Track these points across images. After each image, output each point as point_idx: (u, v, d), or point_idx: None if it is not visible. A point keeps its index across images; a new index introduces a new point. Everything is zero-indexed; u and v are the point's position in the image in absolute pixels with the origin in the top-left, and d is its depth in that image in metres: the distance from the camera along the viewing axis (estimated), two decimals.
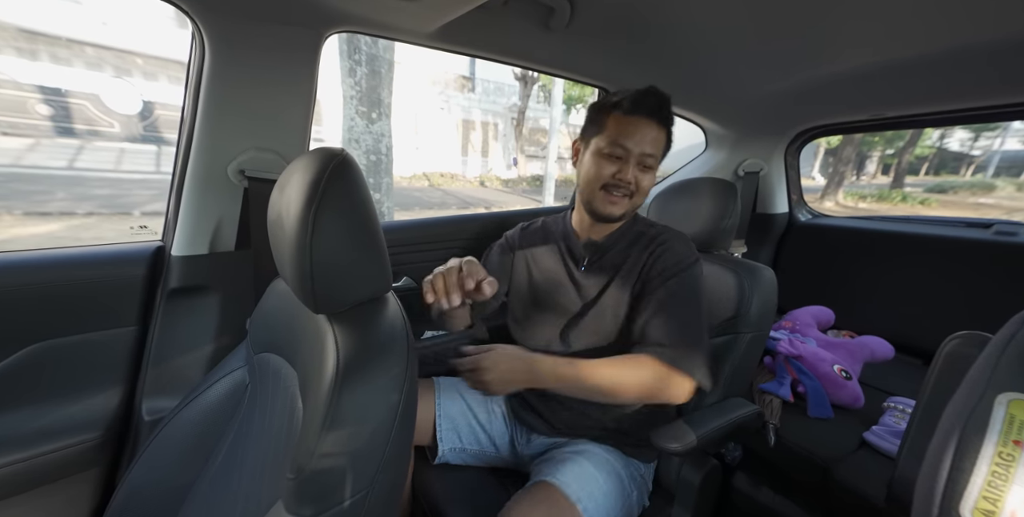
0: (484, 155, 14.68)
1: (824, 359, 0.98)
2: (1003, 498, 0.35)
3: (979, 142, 16.02)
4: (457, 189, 11.20)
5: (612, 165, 0.65)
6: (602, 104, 0.67)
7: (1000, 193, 11.53)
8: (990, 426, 0.39)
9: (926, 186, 12.77)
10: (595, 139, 0.66)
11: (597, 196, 0.67)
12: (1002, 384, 0.40)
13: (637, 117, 0.64)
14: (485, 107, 13.91)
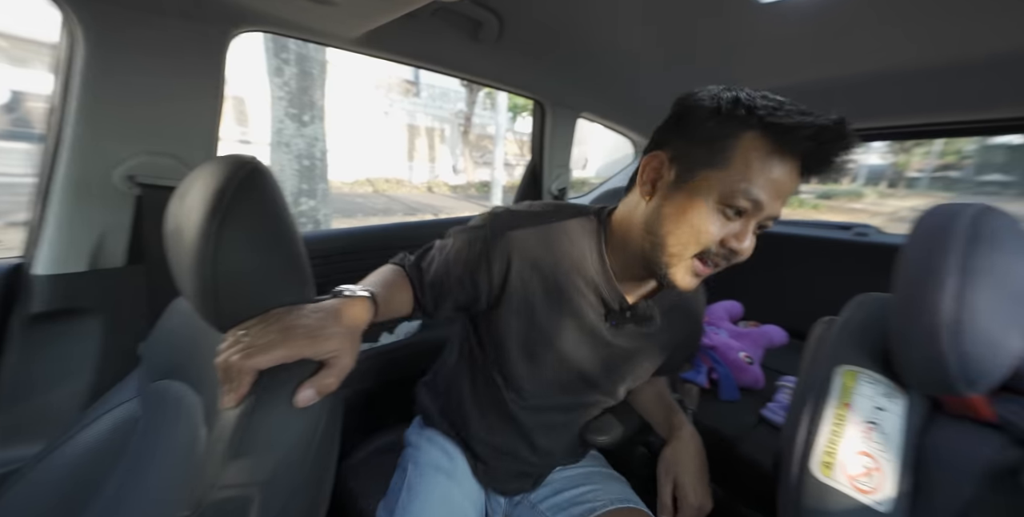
0: (431, 160, 14.46)
1: (732, 347, 1.11)
2: (837, 451, 0.43)
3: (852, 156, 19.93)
4: (403, 195, 10.89)
5: (730, 224, 0.43)
6: (732, 111, 0.40)
7: (867, 200, 14.20)
8: (831, 394, 0.47)
9: (816, 193, 15.17)
10: (709, 173, 0.41)
11: (685, 263, 0.45)
12: (840, 358, 0.49)
13: (792, 157, 0.40)
14: (431, 112, 13.74)
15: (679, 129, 0.44)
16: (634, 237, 0.48)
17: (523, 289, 0.52)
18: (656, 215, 0.45)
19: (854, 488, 0.41)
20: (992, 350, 0.38)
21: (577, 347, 0.56)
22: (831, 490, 0.41)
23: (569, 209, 0.56)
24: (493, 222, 0.54)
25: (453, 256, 0.54)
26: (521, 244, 0.52)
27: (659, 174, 0.45)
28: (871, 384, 0.46)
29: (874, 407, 0.45)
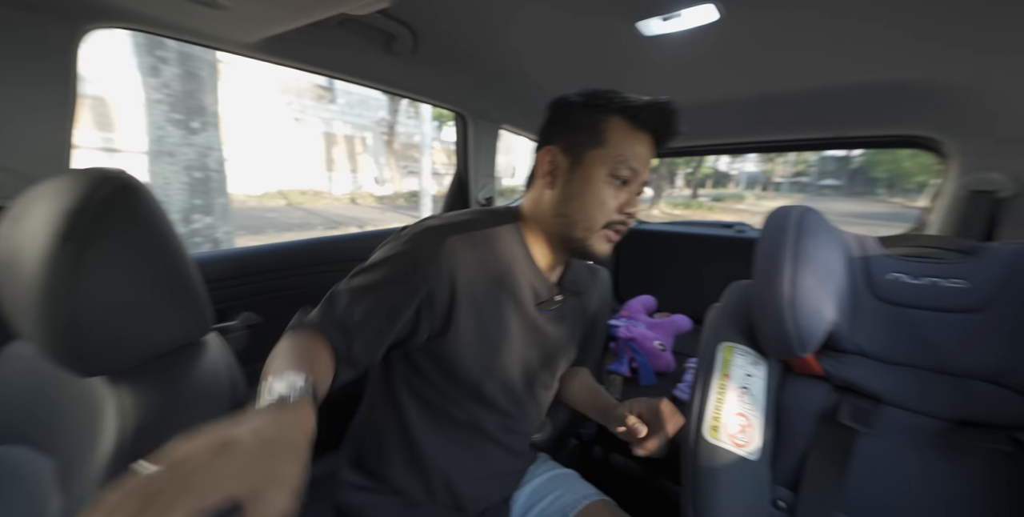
0: (353, 171, 13.68)
1: (648, 337, 1.24)
2: (721, 415, 0.51)
3: (735, 164, 24.06)
4: (323, 207, 10.10)
5: (621, 193, 0.51)
6: (596, 102, 0.50)
7: (748, 201, 17.18)
8: (715, 367, 0.56)
9: (711, 196, 17.92)
10: (594, 153, 0.50)
11: (598, 234, 0.52)
12: (721, 336, 0.59)
13: (646, 133, 0.51)
14: (350, 120, 13.03)
15: (563, 124, 0.52)
16: (547, 224, 0.54)
17: (471, 306, 0.49)
18: (563, 198, 0.52)
19: (733, 444, 0.49)
20: (816, 319, 0.49)
21: (528, 348, 0.56)
22: (718, 449, 0.49)
23: (487, 212, 0.57)
24: (422, 242, 0.49)
25: (384, 291, 0.47)
26: (460, 260, 0.49)
27: (555, 164, 0.52)
28: (742, 355, 0.55)
29: (745, 374, 0.54)
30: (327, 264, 1.01)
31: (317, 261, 1.00)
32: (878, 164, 17.71)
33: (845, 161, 23.84)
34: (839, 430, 0.50)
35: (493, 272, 0.52)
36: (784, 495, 0.51)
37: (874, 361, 0.53)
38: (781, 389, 0.56)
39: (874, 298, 0.55)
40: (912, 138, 1.00)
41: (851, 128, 1.05)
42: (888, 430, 0.49)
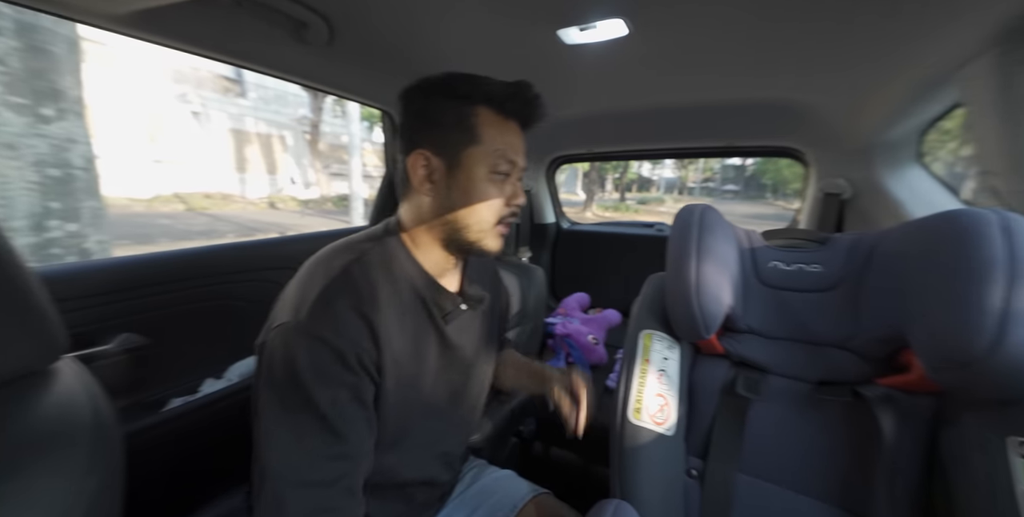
0: (271, 172, 12.43)
1: (583, 332, 1.30)
2: (643, 397, 0.56)
3: (655, 170, 26.75)
4: (234, 213, 8.99)
5: (506, 186, 0.49)
6: (457, 93, 0.46)
7: (667, 204, 19.25)
8: (638, 354, 0.60)
9: (637, 200, 19.66)
10: (471, 151, 0.47)
11: (491, 232, 0.50)
12: (642, 325, 0.63)
13: (515, 121, 0.49)
14: (266, 117, 11.83)
15: (427, 123, 0.48)
16: (435, 232, 0.50)
17: (391, 350, 0.46)
18: (448, 205, 0.48)
19: (653, 423, 0.54)
20: (716, 304, 0.56)
21: (445, 367, 0.54)
22: (640, 429, 0.53)
23: (364, 240, 0.50)
24: (322, 316, 0.41)
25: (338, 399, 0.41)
26: (369, 311, 0.44)
27: (430, 169, 0.47)
28: (660, 341, 0.61)
29: (663, 358, 0.59)
30: (234, 273, 0.90)
31: (222, 270, 0.89)
32: (766, 172, 20.87)
33: (742, 169, 27.77)
34: (736, 400, 0.57)
35: (398, 305, 0.47)
36: (696, 464, 0.57)
37: (762, 337, 0.61)
38: (692, 369, 0.62)
39: (760, 283, 0.63)
40: (784, 149, 1.19)
41: (739, 138, 1.22)
42: (772, 396, 0.57)
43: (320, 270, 0.45)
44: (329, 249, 0.49)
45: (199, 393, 0.82)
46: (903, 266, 0.50)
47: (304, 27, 0.72)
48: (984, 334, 0.38)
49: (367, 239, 0.50)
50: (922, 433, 0.48)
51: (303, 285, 0.44)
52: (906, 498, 0.47)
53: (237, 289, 0.90)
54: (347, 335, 0.42)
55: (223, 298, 0.88)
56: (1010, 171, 0.63)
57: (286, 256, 1.02)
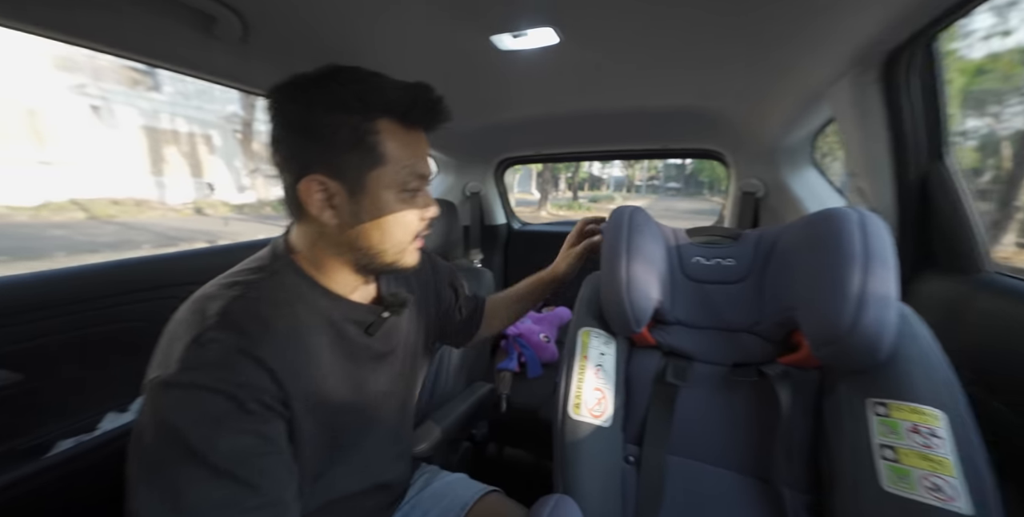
0: (197, 175, 11.26)
1: (534, 331, 1.32)
2: (582, 393, 0.58)
3: (605, 169, 28.22)
4: (151, 220, 8.04)
5: (417, 201, 0.46)
6: (350, 105, 0.40)
7: (617, 202, 20.35)
8: (576, 351, 0.62)
9: (589, 198, 20.53)
10: (376, 174, 0.42)
11: (408, 250, 0.47)
12: (581, 323, 0.66)
13: (419, 129, 0.45)
14: (187, 114, 10.70)
15: (318, 145, 0.40)
16: (344, 258, 0.45)
17: (299, 383, 0.41)
18: (356, 231, 0.43)
19: (592, 416, 0.56)
20: (646, 299, 0.59)
21: (375, 380, 0.51)
22: (580, 423, 0.55)
23: (248, 273, 0.44)
24: (203, 365, 0.36)
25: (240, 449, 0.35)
26: (261, 350, 0.38)
27: (328, 194, 0.41)
28: (597, 337, 0.63)
29: (599, 353, 0.62)
30: (137, 291, 0.80)
31: (122, 289, 0.79)
32: (702, 171, 22.69)
33: (682, 168, 29.94)
34: (666, 388, 0.61)
35: (302, 335, 0.42)
36: (633, 451, 0.61)
37: (688, 328, 0.66)
38: (628, 361, 0.66)
39: (685, 278, 0.69)
40: (708, 151, 1.30)
41: (670, 141, 1.31)
42: (697, 381, 0.62)
43: (194, 318, 0.38)
44: (203, 292, 0.42)
45: (97, 430, 0.71)
46: (793, 258, 0.57)
47: (214, 21, 0.65)
48: (846, 315, 0.44)
49: (252, 271, 0.44)
50: (810, 403, 0.55)
51: (175, 335, 0.38)
52: (800, 460, 0.54)
53: (143, 309, 0.80)
54: (239, 380, 0.36)
55: (125, 320, 0.78)
56: (867, 173, 0.75)
57: (200, 270, 0.92)
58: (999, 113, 10.52)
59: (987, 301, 0.59)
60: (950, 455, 0.40)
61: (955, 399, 0.43)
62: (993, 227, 5.21)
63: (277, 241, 0.47)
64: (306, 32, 0.71)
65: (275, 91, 0.42)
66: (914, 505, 0.40)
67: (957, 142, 0.72)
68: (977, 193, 2.61)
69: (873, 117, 0.69)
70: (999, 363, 0.55)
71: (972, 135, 10.31)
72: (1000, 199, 5.43)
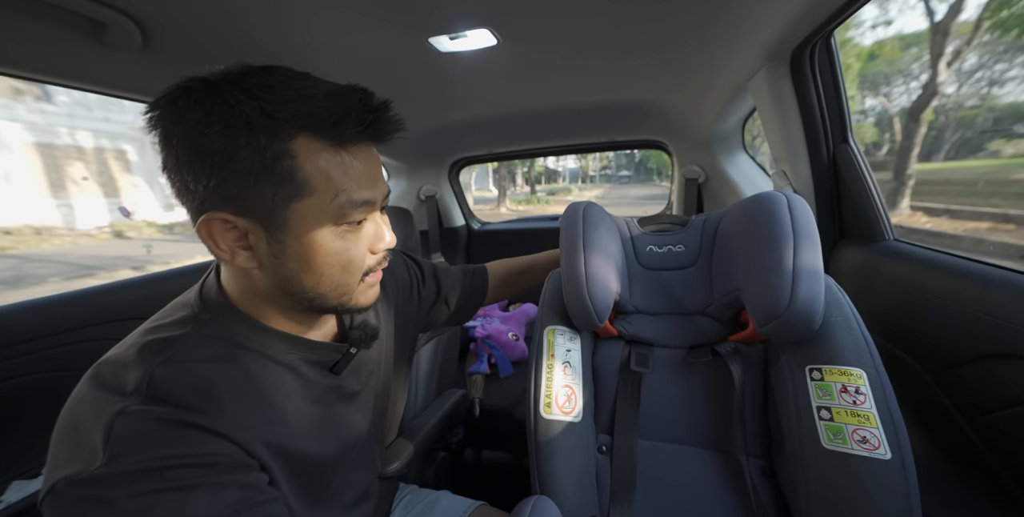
0: (113, 195, 10.05)
1: (502, 330, 1.32)
2: (552, 392, 0.58)
3: (560, 162, 28.88)
4: (58, 250, 7.08)
5: (364, 231, 0.38)
6: (250, 122, 0.30)
7: (574, 194, 20.77)
8: (543, 350, 0.63)
9: (546, 191, 20.89)
10: (298, 207, 0.33)
11: (358, 289, 0.39)
12: (546, 321, 0.66)
13: (355, 142, 0.35)
14: (91, 126, 9.48)
15: (215, 178, 0.31)
16: (285, 304, 0.38)
17: (260, 441, 0.35)
18: (285, 277, 0.35)
19: (563, 413, 0.57)
20: (605, 293, 0.61)
21: (348, 419, 0.46)
22: (551, 422, 0.56)
23: (168, 330, 0.36)
24: (146, 434, 0.30)
25: None
26: (203, 419, 0.32)
27: (239, 233, 0.34)
28: (562, 334, 0.64)
29: (566, 350, 0.63)
30: (43, 337, 0.70)
31: (24, 337, 0.68)
32: (650, 158, 23.84)
33: (632, 157, 31.29)
34: (631, 376, 0.64)
35: (253, 389, 0.36)
36: (605, 441, 0.62)
37: (647, 315, 0.69)
38: (594, 354, 0.67)
39: (641, 267, 0.71)
40: (651, 141, 1.36)
41: (615, 134, 1.35)
42: (658, 367, 0.65)
43: (107, 395, 0.31)
44: (111, 359, 0.33)
45: (0, 503, 0.62)
46: (733, 242, 0.61)
47: (103, 28, 0.57)
48: (784, 291, 0.48)
49: (177, 324, 0.36)
50: (759, 375, 0.59)
51: (80, 421, 0.30)
52: (753, 429, 0.58)
53: (52, 356, 0.70)
54: (191, 451, 0.30)
55: (31, 372, 0.68)
56: (787, 157, 0.82)
57: (121, 305, 0.82)
58: (889, 93, 11.86)
59: (890, 266, 0.67)
60: (872, 409, 0.45)
61: (872, 357, 0.48)
62: (892, 194, 5.89)
63: (207, 282, 0.39)
64: (220, 38, 0.65)
65: (158, 103, 0.32)
66: (848, 458, 0.44)
67: (859, 120, 0.81)
68: (876, 165, 3.00)
69: (788, 106, 0.75)
70: (902, 320, 0.63)
71: (871, 113, 11.49)
72: (895, 169, 6.16)
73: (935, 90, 5.01)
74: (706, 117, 1.06)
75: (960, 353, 0.52)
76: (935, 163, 7.81)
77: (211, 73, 0.32)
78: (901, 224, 4.67)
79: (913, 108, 5.22)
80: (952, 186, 6.25)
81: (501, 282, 0.76)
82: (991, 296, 0.50)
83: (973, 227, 4.60)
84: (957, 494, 0.53)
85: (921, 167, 5.78)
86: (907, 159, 4.99)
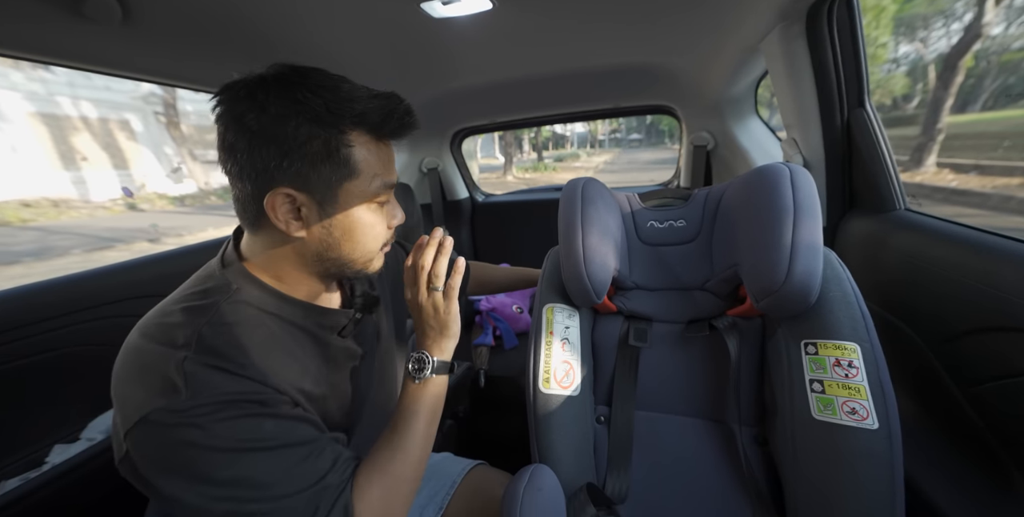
0: (123, 167, 10.09)
1: (506, 303, 1.35)
2: (551, 366, 0.60)
3: (568, 126, 27.96)
4: (77, 222, 7.25)
5: (384, 210, 0.46)
6: (321, 117, 0.38)
7: (582, 159, 19.89)
8: (542, 328, 0.64)
9: (554, 157, 20.17)
10: (348, 186, 0.41)
11: (377, 257, 0.48)
12: (544, 299, 0.67)
13: (388, 141, 0.44)
14: (93, 96, 9.32)
15: (287, 160, 0.38)
16: (309, 268, 0.45)
17: (293, 393, 0.42)
18: (325, 244, 0.43)
19: (561, 388, 0.59)
20: (603, 271, 0.61)
21: (356, 382, 0.52)
22: (550, 396, 0.58)
23: (200, 297, 0.41)
24: (206, 378, 0.36)
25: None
26: (254, 370, 0.39)
27: (295, 206, 0.40)
28: (560, 311, 0.65)
29: (564, 327, 0.64)
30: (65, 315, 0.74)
31: (47, 314, 0.72)
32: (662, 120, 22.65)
33: (643, 119, 29.72)
34: (629, 350, 0.65)
35: (278, 348, 0.42)
36: (604, 411, 0.66)
37: (646, 291, 0.69)
38: (594, 330, 0.69)
39: (641, 243, 0.70)
40: (660, 106, 1.29)
41: (622, 100, 1.28)
42: (656, 341, 0.66)
43: (163, 349, 0.36)
44: (157, 321, 0.39)
45: (46, 465, 0.68)
46: (735, 215, 0.59)
47: (81, 1, 0.54)
48: (781, 266, 0.48)
49: (205, 293, 0.41)
50: (755, 349, 0.60)
51: (143, 366, 0.36)
52: (747, 399, 0.60)
53: (80, 332, 0.75)
54: (243, 389, 0.37)
55: (62, 346, 0.73)
56: (798, 124, 0.77)
57: (138, 283, 0.86)
58: (927, 37, 10.57)
59: (897, 237, 0.65)
60: (863, 381, 0.46)
61: (868, 331, 0.48)
62: (919, 150, 5.46)
63: (227, 257, 0.45)
64: (203, 9, 0.61)
65: (228, 93, 0.38)
66: (836, 427, 0.46)
67: (890, 70, 0.75)
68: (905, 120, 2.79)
69: (801, 68, 0.70)
70: (906, 292, 0.62)
71: (904, 61, 10.34)
72: (924, 123, 5.64)
73: (979, 32, 4.48)
74: (717, 80, 0.99)
75: (960, 326, 0.52)
76: (970, 114, 7.17)
77: (265, 71, 0.39)
78: (924, 183, 4.32)
79: (951, 53, 4.70)
80: (986, 139, 5.76)
81: (477, 283, 0.84)
82: (996, 268, 0.49)
83: (1003, 183, 4.24)
84: (941, 456, 0.55)
85: (954, 119, 5.29)
86: (939, 112, 4.60)
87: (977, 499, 0.50)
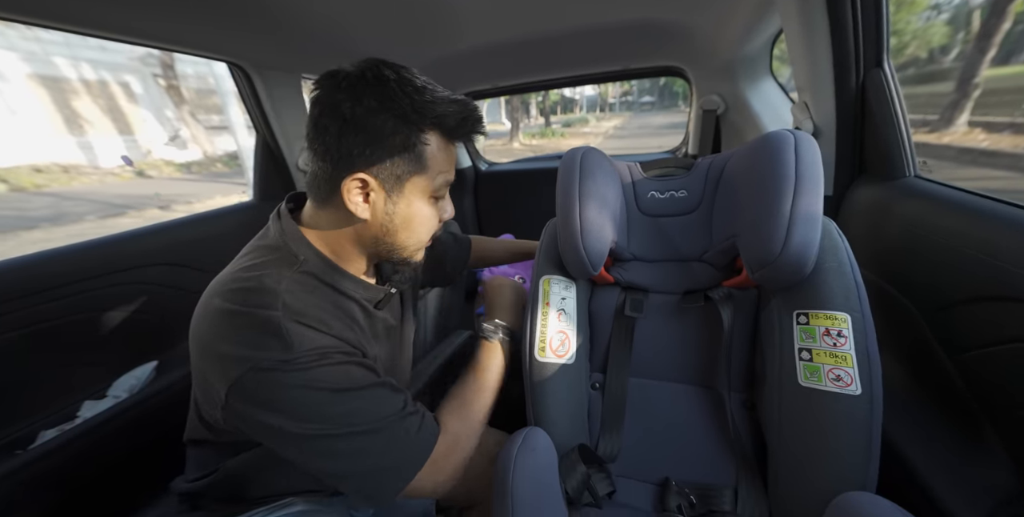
0: (128, 132, 9.98)
1: (509, 275, 1.36)
2: (546, 335, 0.62)
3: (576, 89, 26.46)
4: (88, 188, 7.32)
5: (439, 204, 0.51)
6: (407, 115, 0.43)
7: (591, 124, 19.02)
8: (539, 298, 0.66)
9: (562, 122, 19.25)
10: (416, 179, 0.46)
11: (423, 247, 0.54)
12: (541, 271, 0.68)
13: (455, 145, 0.49)
14: (91, 57, 9.03)
15: (369, 145, 0.43)
16: (363, 247, 0.50)
17: (363, 348, 0.50)
18: (385, 229, 0.48)
19: (556, 356, 0.62)
20: (600, 242, 0.61)
21: (390, 351, 0.60)
22: (545, 365, 0.61)
23: (272, 267, 0.46)
24: (300, 337, 0.42)
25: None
26: (328, 327, 0.45)
27: (366, 191, 0.45)
28: (557, 283, 0.66)
29: (560, 298, 0.65)
30: (89, 279, 0.78)
31: (72, 279, 0.76)
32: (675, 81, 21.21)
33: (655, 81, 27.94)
34: (625, 320, 0.67)
35: (342, 314, 0.49)
36: (598, 378, 0.68)
37: (644, 262, 0.70)
38: (591, 300, 0.70)
39: (641, 214, 0.69)
40: (670, 68, 1.21)
41: (631, 61, 1.20)
42: (652, 311, 0.67)
43: (257, 312, 0.41)
44: (239, 286, 0.43)
45: (78, 419, 0.74)
46: (736, 184, 0.58)
47: None
48: (778, 238, 0.47)
49: (276, 264, 0.46)
50: (749, 319, 0.61)
51: (241, 324, 0.41)
52: (738, 367, 0.62)
53: (98, 297, 0.79)
54: (331, 345, 0.44)
55: (81, 311, 0.77)
56: (810, 86, 0.72)
57: (160, 249, 0.89)
58: None
59: (903, 205, 0.63)
60: (851, 350, 0.47)
61: (860, 300, 0.49)
62: (950, 108, 5.06)
63: (288, 231, 0.48)
64: None
65: (330, 81, 0.43)
66: (820, 394, 0.48)
67: (929, 17, 0.69)
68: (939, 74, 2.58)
69: (817, 23, 0.65)
70: (906, 260, 0.61)
71: (946, 6, 9.07)
72: (960, 77, 5.15)
73: None
74: (730, 37, 0.93)
75: (956, 295, 0.52)
76: (1014, 66, 6.31)
77: (358, 67, 0.43)
78: (952, 144, 3.96)
79: None
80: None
81: (477, 257, 0.89)
82: (995, 236, 0.48)
83: None
84: (923, 419, 0.57)
85: (994, 72, 4.77)
86: (977, 65, 4.12)
87: (949, 450, 0.52)
